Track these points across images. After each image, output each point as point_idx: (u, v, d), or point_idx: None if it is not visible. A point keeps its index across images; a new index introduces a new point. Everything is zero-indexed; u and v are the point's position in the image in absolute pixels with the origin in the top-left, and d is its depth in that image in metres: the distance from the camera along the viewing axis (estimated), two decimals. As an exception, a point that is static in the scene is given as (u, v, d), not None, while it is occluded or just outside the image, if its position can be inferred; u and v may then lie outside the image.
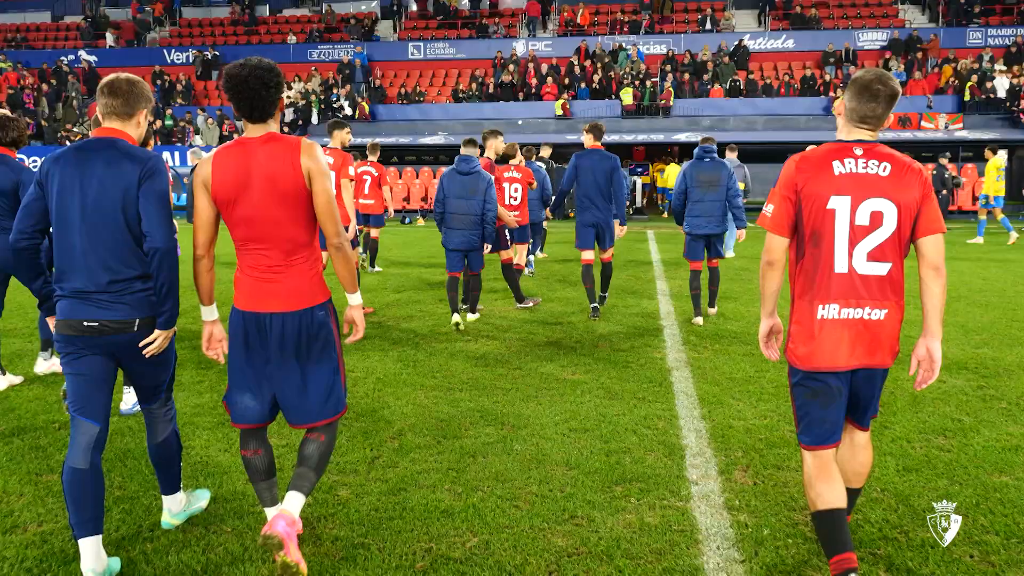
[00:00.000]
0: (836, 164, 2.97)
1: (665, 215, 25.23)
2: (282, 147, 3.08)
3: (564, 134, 24.49)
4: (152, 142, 8.64)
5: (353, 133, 26.07)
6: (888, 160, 2.97)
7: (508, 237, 8.81)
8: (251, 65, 3.08)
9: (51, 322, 3.31)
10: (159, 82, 28.76)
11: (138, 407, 4.34)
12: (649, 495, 3.95)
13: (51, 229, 3.21)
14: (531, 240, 11.07)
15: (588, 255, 8.39)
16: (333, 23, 31.37)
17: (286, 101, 27.13)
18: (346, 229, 7.93)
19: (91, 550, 3.08)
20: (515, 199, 9.43)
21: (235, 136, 26.40)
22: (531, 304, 8.95)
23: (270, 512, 3.35)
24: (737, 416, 5.15)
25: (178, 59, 30.50)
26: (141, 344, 3.21)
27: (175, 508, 3.58)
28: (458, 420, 5.08)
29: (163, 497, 3.58)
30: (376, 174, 11.40)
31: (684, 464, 4.36)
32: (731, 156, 14.25)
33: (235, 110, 3.13)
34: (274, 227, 3.08)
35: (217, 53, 30.18)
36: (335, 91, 27.60)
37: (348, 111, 27.03)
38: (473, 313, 8.28)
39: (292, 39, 30.77)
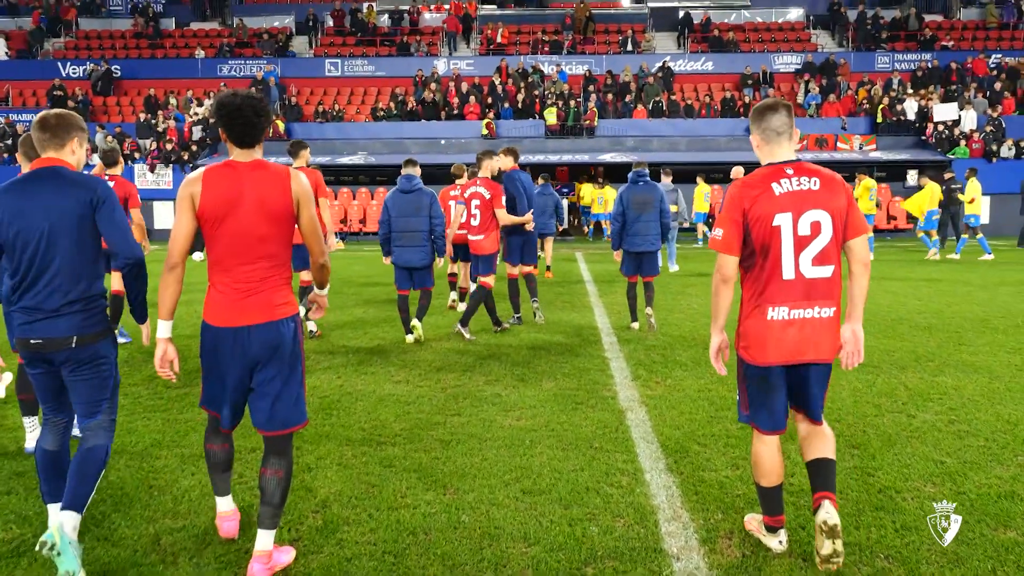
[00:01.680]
0: (775, 185, 3.32)
1: (588, 235, 25.05)
2: (273, 173, 3.33)
3: (488, 154, 23.93)
4: (120, 163, 8.22)
5: (268, 154, 24.99)
6: (816, 175, 3.36)
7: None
8: (243, 95, 3.34)
9: None
10: (52, 96, 26.85)
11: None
12: (627, 579, 3.33)
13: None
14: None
15: (514, 270, 9.14)
16: (244, 38, 30.05)
17: (193, 119, 25.74)
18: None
19: (55, 512, 3.45)
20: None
21: (137, 155, 24.83)
22: (507, 326, 9.02)
23: (220, 501, 3.66)
24: (707, 466, 4.60)
25: (74, 73, 28.54)
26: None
27: (67, 528, 3.20)
28: (392, 484, 4.35)
29: (61, 512, 3.28)
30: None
31: (659, 532, 3.75)
32: (666, 180, 14.37)
33: (224, 136, 3.36)
34: (259, 244, 3.29)
35: (118, 67, 28.46)
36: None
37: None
38: (417, 322, 8.28)
39: (200, 54, 29.29)
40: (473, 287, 10.55)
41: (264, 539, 3.32)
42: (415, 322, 8.22)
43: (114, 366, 3.57)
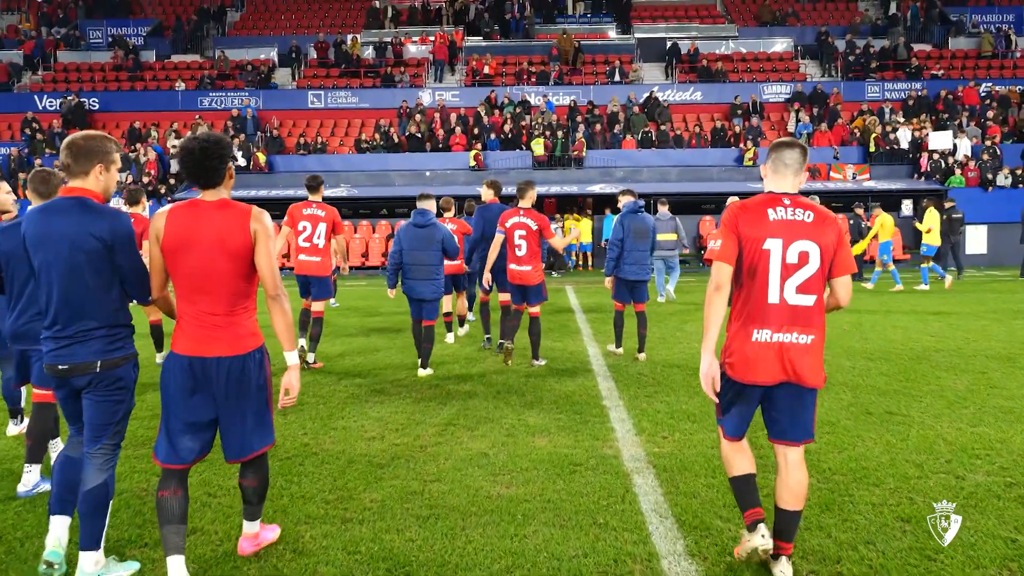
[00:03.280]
0: (770, 211, 3.49)
1: (579, 267, 24.41)
2: (234, 212, 3.47)
3: (475, 186, 23.37)
4: (143, 202, 8.82)
5: (248, 186, 24.41)
6: (811, 209, 3.52)
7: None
8: (202, 138, 3.45)
9: None
10: (28, 130, 26.10)
11: (37, 488, 4.72)
12: None
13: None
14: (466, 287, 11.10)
15: (486, 296, 9.69)
16: (226, 70, 29.48)
17: (172, 150, 25.03)
18: (336, 271, 9.30)
19: (58, 525, 3.63)
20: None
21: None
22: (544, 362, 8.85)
23: (171, 561, 3.39)
24: (733, 546, 3.83)
25: (51, 105, 27.73)
26: None
27: (88, 568, 3.48)
28: (356, 581, 3.56)
29: (81, 553, 3.49)
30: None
31: (687, 648, 2.99)
32: (663, 210, 14.21)
33: (187, 179, 3.52)
34: (220, 279, 3.43)
35: (95, 100, 27.78)
36: (227, 141, 25.62)
37: (242, 162, 25.13)
38: (425, 369, 8.28)
39: (181, 86, 28.67)
40: (469, 315, 11.12)
41: (250, 526, 3.83)
42: (424, 372, 8.26)
43: (130, 392, 3.64)
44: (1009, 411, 6.38)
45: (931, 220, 17.01)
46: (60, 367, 3.51)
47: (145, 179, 24.13)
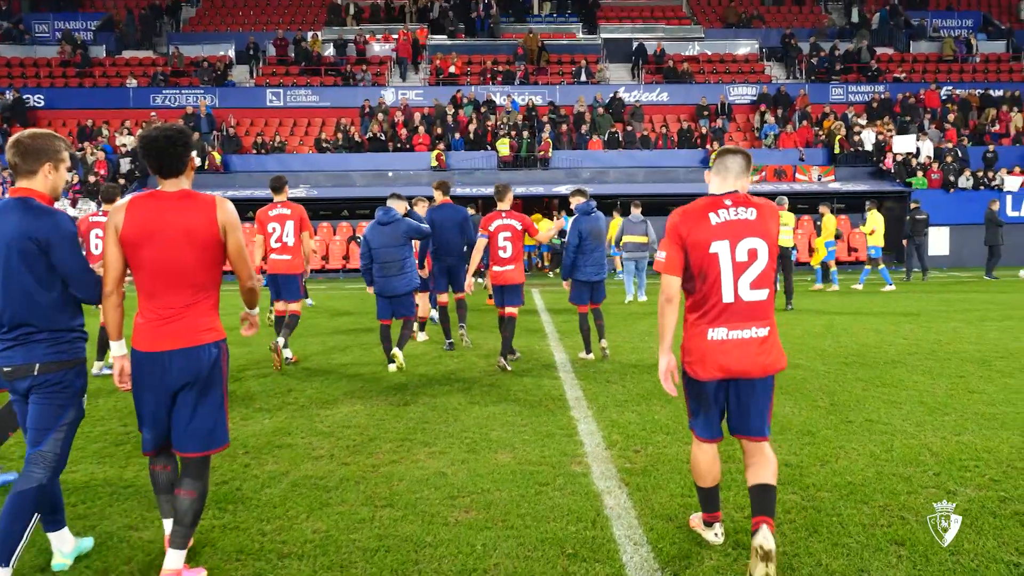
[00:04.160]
0: (712, 215, 3.53)
1: (545, 268, 24.09)
2: (199, 203, 3.45)
3: (439, 186, 22.85)
4: (120, 199, 8.54)
5: (203, 186, 23.57)
6: (753, 206, 3.58)
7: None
8: (163, 127, 3.45)
9: None
10: (-33, 128, 25.00)
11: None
12: None
13: None
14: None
15: (444, 298, 9.88)
16: (180, 67, 28.55)
17: (123, 150, 24.13)
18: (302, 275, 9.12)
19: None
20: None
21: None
22: (519, 356, 8.97)
23: (167, 523, 3.60)
24: (717, 582, 3.45)
25: (-9, 102, 26.70)
26: None
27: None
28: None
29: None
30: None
31: None
32: (635, 212, 14.35)
33: (148, 168, 3.48)
34: (184, 272, 3.40)
35: (41, 97, 26.70)
36: (181, 139, 24.71)
37: (197, 161, 24.24)
38: (398, 351, 8.34)
39: (132, 83, 27.69)
40: (433, 312, 11.04)
41: (173, 558, 3.44)
42: (396, 351, 8.24)
43: (74, 398, 3.54)
44: (992, 417, 6.12)
45: (874, 222, 17.27)
46: (4, 368, 3.46)
47: (92, 179, 23.20)
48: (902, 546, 3.79)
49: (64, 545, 3.67)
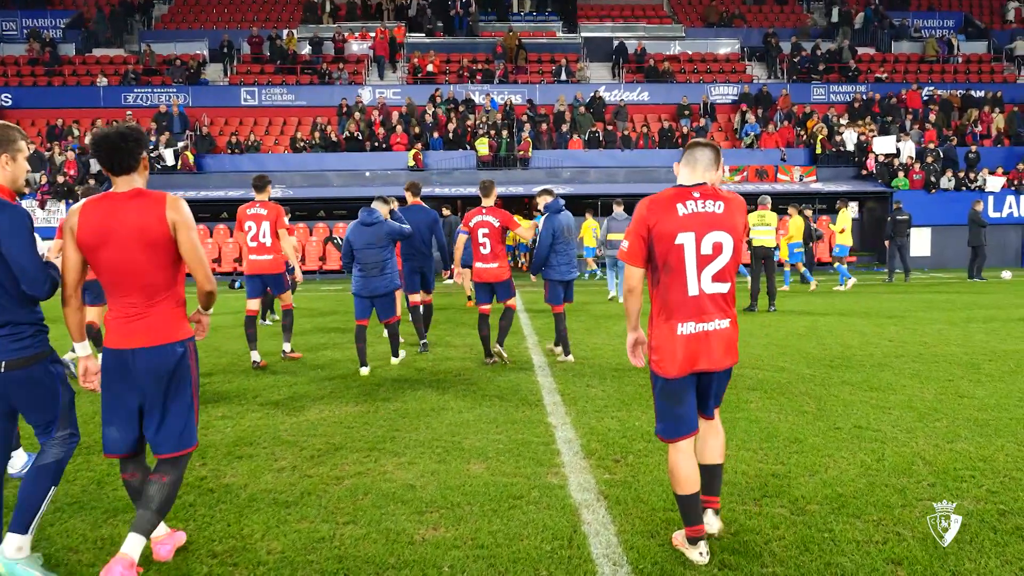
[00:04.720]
0: (679, 206, 3.52)
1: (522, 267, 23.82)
2: (149, 201, 3.38)
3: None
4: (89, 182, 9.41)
5: (175, 186, 23.05)
6: (722, 199, 3.57)
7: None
8: (117, 125, 3.44)
9: None
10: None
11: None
12: None
13: None
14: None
15: (416, 298, 9.71)
16: (153, 65, 27.96)
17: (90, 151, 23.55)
18: (291, 271, 9.60)
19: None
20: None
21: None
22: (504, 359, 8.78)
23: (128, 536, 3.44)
24: (704, 608, 3.17)
25: (-46, 101, 26.02)
26: None
27: (9, 552, 3.38)
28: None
29: (7, 535, 3.42)
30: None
31: None
32: (618, 210, 14.44)
33: (100, 166, 3.40)
34: (137, 271, 3.37)
35: (8, 96, 26.03)
36: (152, 138, 24.20)
37: (169, 161, 23.80)
38: (396, 357, 8.71)
39: (103, 81, 27.06)
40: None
41: (133, 543, 3.32)
42: (365, 370, 8.10)
43: (58, 384, 3.57)
44: (984, 424, 5.90)
45: (844, 221, 17.43)
46: None
47: (61, 179, 22.62)
48: (900, 565, 3.54)
49: (8, 548, 3.53)
